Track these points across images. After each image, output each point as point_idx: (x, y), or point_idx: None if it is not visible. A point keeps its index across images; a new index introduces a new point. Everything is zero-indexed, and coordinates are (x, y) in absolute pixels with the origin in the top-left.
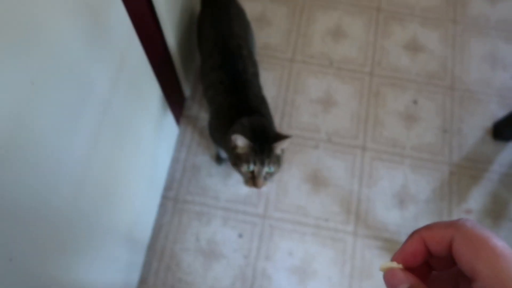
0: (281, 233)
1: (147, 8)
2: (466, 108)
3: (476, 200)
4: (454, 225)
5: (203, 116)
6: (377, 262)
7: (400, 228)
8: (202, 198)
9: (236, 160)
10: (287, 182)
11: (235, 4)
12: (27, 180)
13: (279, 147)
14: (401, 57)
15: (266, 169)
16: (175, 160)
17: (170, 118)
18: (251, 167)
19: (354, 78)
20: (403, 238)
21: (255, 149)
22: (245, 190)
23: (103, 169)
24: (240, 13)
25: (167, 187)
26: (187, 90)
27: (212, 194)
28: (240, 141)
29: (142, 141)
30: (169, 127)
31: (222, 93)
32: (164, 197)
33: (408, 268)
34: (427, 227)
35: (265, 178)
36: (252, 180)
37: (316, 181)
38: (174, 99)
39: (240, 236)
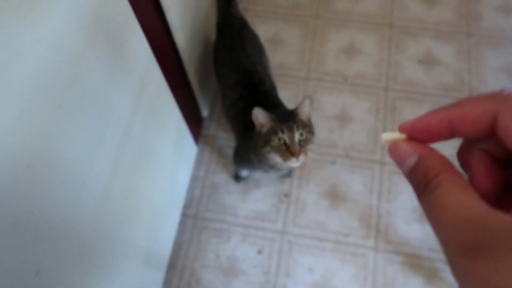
0: (300, 249)
1: (165, 35)
2: None
3: None
4: (497, 97)
5: (221, 135)
6: (400, 278)
7: (421, 243)
8: (221, 216)
9: (266, 140)
10: (305, 197)
11: (248, 30)
12: (54, 197)
13: (302, 112)
14: (416, 71)
15: (297, 135)
16: (194, 179)
17: (188, 138)
18: (280, 135)
19: (370, 93)
20: (425, 253)
21: (279, 118)
22: (263, 206)
23: (125, 188)
24: (253, 38)
25: (187, 205)
26: (204, 110)
27: (231, 211)
28: (261, 115)
29: (162, 161)
30: (188, 147)
31: (243, 110)
32: (184, 215)
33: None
34: (459, 104)
35: (300, 146)
36: (288, 151)
37: (335, 196)
38: (192, 119)
39: (260, 252)
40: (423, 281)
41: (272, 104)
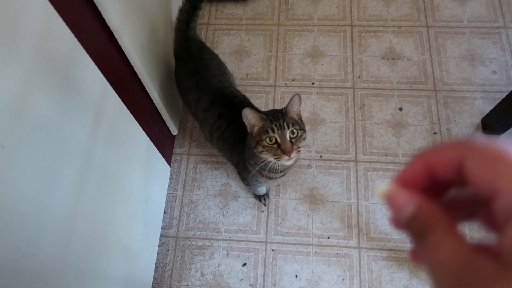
0: (284, 256)
1: (121, 60)
2: (452, 108)
3: None
4: (463, 144)
5: (195, 151)
6: (386, 273)
7: (404, 236)
8: (203, 232)
9: (258, 140)
10: (285, 205)
11: (208, 50)
12: (8, 238)
13: (291, 110)
14: (380, 67)
15: (288, 133)
16: (171, 198)
17: (159, 158)
18: (271, 134)
19: (338, 94)
20: (408, 246)
21: (269, 118)
22: (244, 218)
23: (91, 218)
24: (213, 58)
25: (167, 226)
26: (174, 129)
27: (212, 227)
28: (251, 116)
29: (132, 185)
30: (160, 167)
31: (227, 126)
32: (165, 236)
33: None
34: (432, 150)
35: (292, 144)
36: (280, 149)
37: (313, 200)
38: (162, 139)
39: (244, 265)
40: (408, 274)
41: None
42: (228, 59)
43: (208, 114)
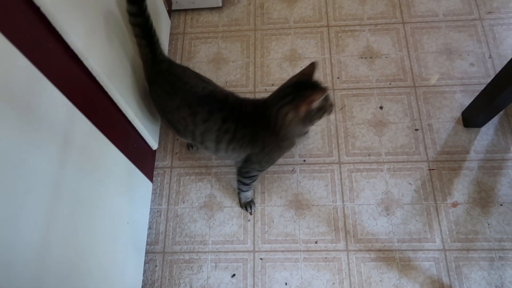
0: (273, 264)
1: (89, 81)
2: (432, 104)
3: (461, 192)
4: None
5: (177, 164)
6: (375, 274)
7: (390, 236)
8: (190, 246)
9: (313, 114)
10: (271, 212)
11: (177, 66)
12: None
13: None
14: (359, 67)
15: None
16: (156, 213)
17: (139, 175)
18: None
19: None
20: (395, 245)
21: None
22: (230, 228)
23: (67, 246)
24: (186, 70)
25: (153, 242)
26: (153, 143)
27: (199, 240)
28: (319, 98)
29: (111, 207)
30: (141, 184)
31: (236, 126)
32: (152, 252)
33: None
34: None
35: None
36: (328, 107)
37: (299, 205)
38: (141, 156)
39: (234, 275)
40: (397, 273)
41: (258, 102)
42: (206, 67)
43: (210, 123)
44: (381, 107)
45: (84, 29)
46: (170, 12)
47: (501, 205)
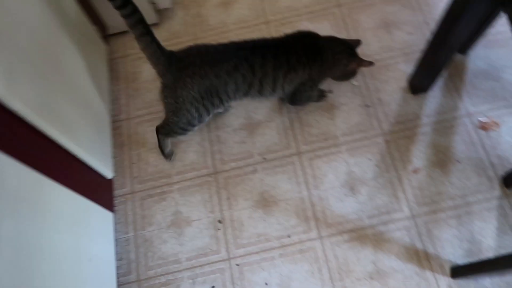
0: (251, 268)
1: (16, 124)
2: (378, 78)
3: (419, 157)
4: None
5: (138, 187)
6: (351, 255)
7: (359, 214)
8: (164, 268)
9: (349, 74)
10: (239, 216)
11: (179, 53)
12: None
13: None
14: None
15: None
16: (124, 243)
17: (96, 209)
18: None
19: None
20: (366, 222)
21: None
22: (202, 241)
23: None
24: (190, 47)
25: (126, 272)
26: (108, 173)
27: (173, 259)
28: (367, 64)
29: (67, 246)
30: (99, 218)
31: (282, 61)
32: (126, 283)
33: None
34: None
35: None
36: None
37: (266, 203)
38: (95, 189)
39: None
40: (372, 249)
41: (300, 37)
42: (152, 86)
43: (266, 66)
44: (330, 91)
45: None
46: (106, 37)
47: (458, 162)
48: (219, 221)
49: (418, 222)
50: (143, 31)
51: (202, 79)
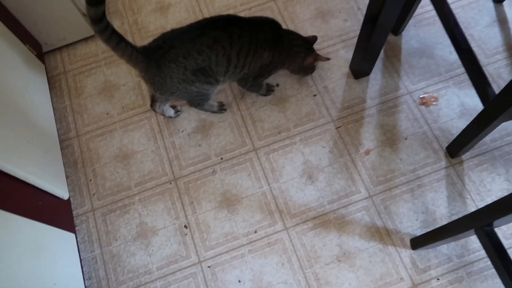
0: (222, 268)
1: None
2: (321, 67)
3: (369, 139)
4: None
5: (98, 204)
6: (317, 242)
7: (320, 201)
8: (136, 280)
9: (307, 67)
10: (204, 219)
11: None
12: None
13: None
14: None
15: None
16: (91, 261)
17: (55, 231)
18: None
19: (216, 92)
20: (327, 207)
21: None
22: (170, 248)
23: None
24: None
25: None
26: (63, 194)
27: (143, 271)
28: (323, 59)
29: (27, 274)
30: (60, 240)
31: (253, 36)
32: None
33: None
34: None
35: None
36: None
37: (229, 202)
38: (51, 212)
39: None
40: (336, 233)
41: (267, 23)
42: (98, 99)
43: (243, 37)
44: (277, 85)
45: None
46: (42, 55)
47: (405, 139)
48: (185, 226)
49: (376, 201)
50: (117, 39)
51: (186, 59)
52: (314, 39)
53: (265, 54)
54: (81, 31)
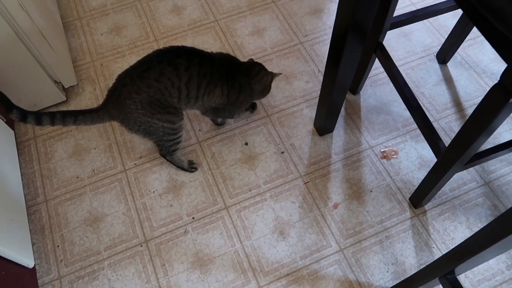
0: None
1: None
2: (287, 125)
3: (336, 193)
4: None
5: (66, 270)
6: None
7: (292, 256)
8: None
9: (265, 90)
10: (176, 281)
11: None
12: None
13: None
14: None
15: None
16: None
17: None
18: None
19: (186, 151)
20: (300, 263)
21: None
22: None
23: None
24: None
25: None
26: (28, 262)
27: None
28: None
29: None
30: None
31: (206, 70)
32: None
33: None
34: None
35: None
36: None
37: (202, 263)
38: (15, 282)
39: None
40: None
41: (226, 57)
42: (69, 163)
43: (191, 69)
44: (246, 144)
45: None
46: (12, 121)
47: (371, 191)
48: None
49: (347, 254)
50: (73, 118)
51: (139, 95)
52: (252, 61)
53: (218, 91)
54: (53, 97)
